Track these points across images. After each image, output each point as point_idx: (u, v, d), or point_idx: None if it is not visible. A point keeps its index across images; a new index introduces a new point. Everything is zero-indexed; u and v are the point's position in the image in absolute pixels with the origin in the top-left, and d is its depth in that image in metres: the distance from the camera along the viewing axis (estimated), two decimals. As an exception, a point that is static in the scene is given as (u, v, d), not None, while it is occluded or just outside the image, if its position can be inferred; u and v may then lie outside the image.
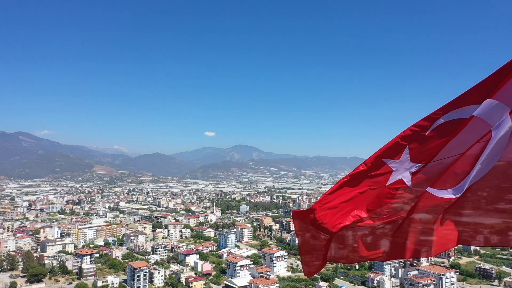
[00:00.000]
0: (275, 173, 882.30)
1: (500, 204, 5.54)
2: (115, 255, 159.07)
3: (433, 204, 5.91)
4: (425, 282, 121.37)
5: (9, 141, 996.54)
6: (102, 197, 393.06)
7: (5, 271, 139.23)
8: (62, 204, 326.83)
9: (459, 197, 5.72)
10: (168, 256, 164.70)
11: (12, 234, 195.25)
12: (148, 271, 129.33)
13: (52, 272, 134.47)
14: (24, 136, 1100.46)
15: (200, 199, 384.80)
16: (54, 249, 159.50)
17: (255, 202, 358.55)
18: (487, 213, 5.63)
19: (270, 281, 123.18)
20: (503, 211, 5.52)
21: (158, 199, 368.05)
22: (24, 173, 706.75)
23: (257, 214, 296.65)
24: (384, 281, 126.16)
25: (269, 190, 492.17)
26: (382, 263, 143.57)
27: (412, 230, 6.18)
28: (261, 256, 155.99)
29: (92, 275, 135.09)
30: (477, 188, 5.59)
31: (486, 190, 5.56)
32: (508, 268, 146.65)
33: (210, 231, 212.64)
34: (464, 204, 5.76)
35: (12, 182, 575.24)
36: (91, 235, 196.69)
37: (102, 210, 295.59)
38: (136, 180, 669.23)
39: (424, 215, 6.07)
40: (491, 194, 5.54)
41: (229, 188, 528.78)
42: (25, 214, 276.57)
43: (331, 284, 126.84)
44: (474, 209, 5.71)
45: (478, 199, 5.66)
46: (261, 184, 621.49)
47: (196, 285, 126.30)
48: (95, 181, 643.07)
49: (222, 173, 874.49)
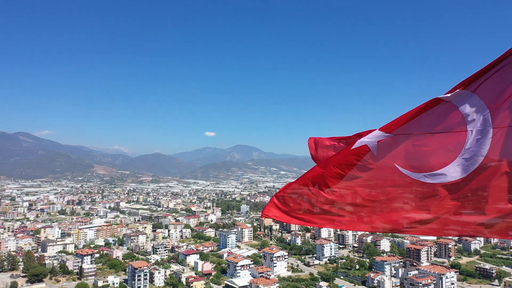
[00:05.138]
0: (276, 173, 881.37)
1: (487, 205, 5.55)
2: (116, 255, 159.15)
3: (402, 183, 5.96)
4: (425, 282, 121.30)
5: (10, 142, 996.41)
6: (103, 197, 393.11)
7: (6, 271, 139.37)
8: (62, 204, 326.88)
9: (435, 184, 5.73)
10: (169, 256, 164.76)
11: (13, 234, 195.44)
12: (148, 271, 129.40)
13: (52, 272, 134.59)
14: (24, 137, 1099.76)
15: (200, 199, 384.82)
16: (55, 249, 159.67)
17: (256, 202, 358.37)
18: (467, 211, 5.68)
19: (270, 281, 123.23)
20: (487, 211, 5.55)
21: (158, 199, 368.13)
22: (24, 173, 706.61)
23: (258, 214, 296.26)
24: (384, 281, 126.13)
25: (269, 190, 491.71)
26: (383, 263, 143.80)
27: (377, 201, 6.18)
28: (262, 256, 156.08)
29: (93, 275, 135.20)
30: (459, 184, 5.60)
31: (471, 189, 5.56)
32: (508, 267, 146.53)
33: (210, 231, 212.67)
34: (444, 196, 5.77)
35: (12, 182, 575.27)
36: (91, 235, 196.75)
37: (103, 210, 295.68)
38: (137, 180, 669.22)
39: (392, 189, 6.08)
40: (478, 193, 5.55)
41: (229, 188, 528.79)
42: (26, 214, 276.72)
43: (331, 284, 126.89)
44: (455, 205, 5.73)
45: (460, 196, 5.65)
46: (261, 184, 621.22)
47: (196, 285, 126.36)
48: (95, 181, 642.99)
49: (222, 173, 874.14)
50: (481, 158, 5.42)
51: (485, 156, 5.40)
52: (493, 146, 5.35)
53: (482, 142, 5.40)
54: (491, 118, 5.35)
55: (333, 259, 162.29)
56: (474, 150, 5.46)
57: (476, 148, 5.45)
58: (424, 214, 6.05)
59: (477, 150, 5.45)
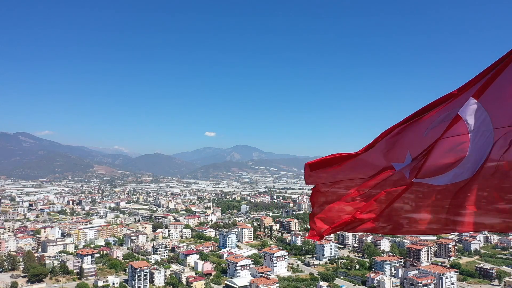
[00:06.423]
0: (276, 173, 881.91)
1: (491, 205, 5.72)
2: (116, 255, 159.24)
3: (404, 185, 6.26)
4: (425, 281, 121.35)
5: (10, 142, 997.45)
6: (103, 197, 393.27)
7: (6, 271, 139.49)
8: (62, 205, 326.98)
9: (437, 186, 5.95)
10: (169, 256, 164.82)
11: (13, 234, 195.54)
12: (148, 271, 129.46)
13: (53, 272, 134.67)
14: (24, 137, 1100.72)
15: (200, 199, 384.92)
16: (55, 249, 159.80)
17: (256, 202, 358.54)
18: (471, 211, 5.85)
19: (270, 281, 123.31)
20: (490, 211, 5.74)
21: (158, 199, 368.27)
22: (24, 173, 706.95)
23: (258, 214, 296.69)
24: (384, 281, 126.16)
25: (269, 190, 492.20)
26: (383, 263, 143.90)
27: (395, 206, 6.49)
28: (262, 256, 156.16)
29: (93, 275, 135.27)
30: (465, 186, 5.74)
31: (473, 190, 5.71)
32: (508, 267, 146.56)
33: (210, 231, 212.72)
34: (444, 197, 5.97)
35: (12, 182, 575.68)
36: (91, 235, 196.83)
37: (103, 210, 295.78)
38: (137, 180, 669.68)
39: (392, 190, 6.42)
40: (479, 194, 5.70)
41: (229, 188, 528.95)
42: (26, 215, 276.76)
43: (331, 284, 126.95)
44: (456, 206, 5.92)
45: (462, 197, 5.82)
46: (261, 184, 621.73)
47: (196, 285, 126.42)
48: (95, 181, 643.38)
49: (222, 173, 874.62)
50: (483, 160, 5.52)
51: (486, 158, 5.50)
52: (494, 148, 5.45)
53: (483, 144, 5.50)
54: (491, 120, 5.44)
55: (333, 259, 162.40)
56: (475, 152, 5.56)
57: (478, 150, 5.55)
58: (424, 214, 6.24)
59: (478, 152, 5.54)
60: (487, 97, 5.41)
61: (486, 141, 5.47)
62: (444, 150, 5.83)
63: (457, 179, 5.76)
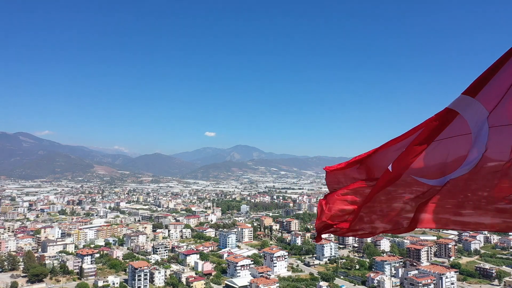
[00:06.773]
0: (276, 173, 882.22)
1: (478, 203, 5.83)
2: (116, 255, 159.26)
3: (404, 184, 6.27)
4: (425, 281, 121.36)
5: (10, 142, 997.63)
6: (103, 198, 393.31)
7: (6, 271, 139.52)
8: (62, 205, 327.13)
9: (435, 186, 6.04)
10: (169, 256, 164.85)
11: (13, 234, 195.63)
12: (148, 271, 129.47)
13: (53, 272, 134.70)
14: (24, 137, 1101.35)
15: (200, 199, 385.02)
16: (55, 249, 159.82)
17: (256, 202, 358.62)
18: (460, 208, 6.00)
19: (270, 281, 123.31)
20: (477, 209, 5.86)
21: (158, 199, 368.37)
22: (24, 173, 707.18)
23: (258, 214, 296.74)
24: (384, 281, 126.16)
25: (269, 190, 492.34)
26: (383, 263, 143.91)
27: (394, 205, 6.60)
28: (262, 256, 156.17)
29: (93, 275, 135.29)
30: (456, 183, 5.84)
31: (471, 189, 5.80)
32: (508, 267, 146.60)
33: (210, 231, 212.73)
34: (443, 196, 6.08)
35: (12, 182, 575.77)
36: (91, 235, 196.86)
37: (103, 211, 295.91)
38: (137, 181, 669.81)
39: (392, 190, 6.42)
40: (477, 193, 5.80)
41: (229, 188, 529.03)
42: (26, 215, 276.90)
43: (331, 284, 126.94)
44: (455, 205, 6.06)
45: (459, 195, 5.92)
46: (261, 184, 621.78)
47: (196, 285, 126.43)
48: (95, 181, 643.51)
49: (222, 173, 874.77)
50: (479, 158, 5.56)
51: (482, 156, 5.54)
52: (494, 147, 5.48)
53: (481, 143, 5.53)
54: (488, 119, 5.47)
55: (333, 259, 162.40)
56: (474, 151, 5.61)
57: (476, 150, 5.59)
58: (423, 214, 6.35)
59: (476, 151, 5.58)
60: (486, 96, 5.43)
61: (482, 139, 5.51)
62: (446, 151, 5.87)
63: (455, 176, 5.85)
